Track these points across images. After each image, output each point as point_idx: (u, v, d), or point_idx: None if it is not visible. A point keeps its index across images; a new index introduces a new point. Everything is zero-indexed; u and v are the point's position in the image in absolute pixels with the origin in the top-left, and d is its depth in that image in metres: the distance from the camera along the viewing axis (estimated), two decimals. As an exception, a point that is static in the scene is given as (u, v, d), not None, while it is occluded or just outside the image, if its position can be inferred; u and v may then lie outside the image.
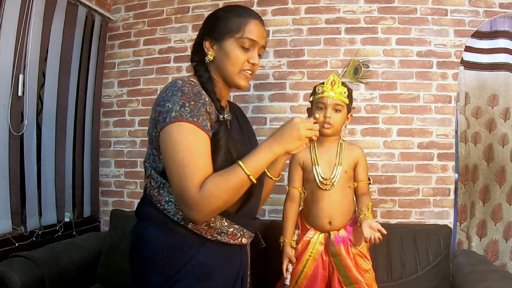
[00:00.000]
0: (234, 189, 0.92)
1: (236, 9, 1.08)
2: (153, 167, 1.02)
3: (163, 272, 0.96)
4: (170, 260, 0.96)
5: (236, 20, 1.05)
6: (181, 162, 0.89)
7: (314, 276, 1.53)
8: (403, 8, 2.27)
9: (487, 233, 2.35)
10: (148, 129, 1.04)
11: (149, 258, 0.98)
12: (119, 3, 2.60)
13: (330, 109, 1.52)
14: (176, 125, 0.91)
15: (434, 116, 2.23)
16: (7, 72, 1.85)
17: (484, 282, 1.58)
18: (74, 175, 2.35)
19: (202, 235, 0.98)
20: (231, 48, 1.04)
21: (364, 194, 1.58)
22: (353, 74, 1.60)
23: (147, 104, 2.53)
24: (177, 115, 0.91)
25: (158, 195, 0.99)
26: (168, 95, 0.95)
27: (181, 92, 0.94)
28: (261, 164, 0.95)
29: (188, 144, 0.90)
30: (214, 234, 0.99)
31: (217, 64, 1.07)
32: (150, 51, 2.54)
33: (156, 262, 0.97)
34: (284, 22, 2.38)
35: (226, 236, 1.01)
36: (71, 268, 1.88)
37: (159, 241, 0.97)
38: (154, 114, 0.98)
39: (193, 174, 0.89)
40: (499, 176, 2.34)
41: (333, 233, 1.54)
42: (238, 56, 1.04)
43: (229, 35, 1.04)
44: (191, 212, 0.90)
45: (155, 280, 0.96)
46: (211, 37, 1.06)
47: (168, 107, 0.93)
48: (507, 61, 2.35)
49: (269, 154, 0.95)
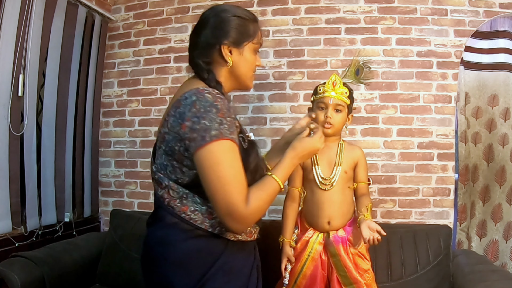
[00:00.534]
0: (271, 199, 1.03)
1: (246, 13, 1.10)
2: (171, 179, 1.01)
3: (191, 275, 0.98)
4: (197, 263, 0.99)
5: (250, 25, 1.09)
6: (226, 180, 0.93)
7: (313, 275, 1.53)
8: (403, 8, 2.27)
9: (487, 233, 2.35)
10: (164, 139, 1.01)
11: (176, 262, 0.99)
12: (119, 3, 2.60)
13: (331, 109, 1.53)
14: (218, 144, 0.93)
15: (434, 116, 2.23)
16: (7, 72, 1.85)
17: (484, 282, 1.58)
18: (74, 175, 2.35)
19: (226, 237, 1.02)
20: (249, 54, 1.10)
21: (364, 194, 1.58)
22: (355, 74, 1.60)
23: (147, 104, 2.53)
24: (218, 133, 0.93)
25: (181, 205, 1.00)
26: (201, 111, 0.93)
27: (215, 109, 0.94)
28: (287, 175, 1.11)
29: (231, 161, 0.94)
30: (236, 235, 1.04)
31: (233, 69, 1.09)
32: (150, 51, 2.54)
33: (184, 266, 0.99)
34: (284, 22, 2.38)
35: (245, 235, 1.06)
36: (71, 268, 1.88)
37: (185, 245, 1.00)
38: (179, 127, 0.96)
39: (239, 191, 0.94)
40: (499, 176, 2.34)
41: (332, 233, 1.54)
42: (253, 61, 1.12)
43: (247, 41, 1.08)
44: (238, 225, 0.96)
45: (182, 283, 0.98)
46: (229, 43, 1.06)
47: (206, 125, 0.92)
48: (507, 61, 2.35)
49: (292, 167, 1.12)
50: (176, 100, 1.00)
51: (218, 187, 0.92)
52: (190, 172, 0.98)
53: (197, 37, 1.09)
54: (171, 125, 0.98)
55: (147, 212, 2.30)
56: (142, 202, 2.51)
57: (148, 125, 2.52)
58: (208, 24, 1.08)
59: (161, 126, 1.03)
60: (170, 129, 0.98)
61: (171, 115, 0.98)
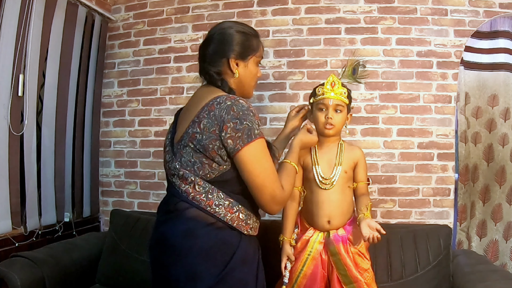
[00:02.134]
0: (294, 182, 1.30)
1: (249, 29, 1.25)
2: (198, 175, 1.12)
3: (215, 264, 1.09)
4: (220, 253, 1.10)
5: (254, 40, 1.24)
6: (269, 171, 1.12)
7: (313, 275, 1.53)
8: (403, 8, 2.27)
9: (487, 233, 2.35)
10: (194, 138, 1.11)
11: (202, 253, 1.09)
12: (119, 3, 2.60)
13: (331, 110, 1.53)
14: (260, 141, 1.11)
15: (434, 116, 2.23)
16: (7, 72, 1.85)
17: (484, 282, 1.58)
18: (74, 175, 2.35)
19: (241, 230, 1.15)
20: (253, 66, 1.25)
21: (363, 194, 1.58)
22: (351, 74, 1.63)
23: (147, 104, 2.54)
24: (259, 132, 1.11)
25: (207, 200, 1.11)
26: (240, 114, 1.09)
27: (252, 113, 1.11)
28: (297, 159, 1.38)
29: (268, 156, 1.14)
30: (248, 229, 1.17)
31: (239, 80, 1.23)
32: (150, 51, 2.54)
33: (211, 256, 1.09)
34: (284, 22, 2.38)
35: (254, 230, 1.21)
36: (71, 268, 1.88)
37: (210, 237, 1.10)
38: (217, 128, 1.08)
39: (277, 179, 1.15)
40: (499, 176, 2.34)
41: (332, 232, 1.54)
42: (256, 72, 1.27)
43: (252, 55, 1.23)
44: (279, 207, 1.17)
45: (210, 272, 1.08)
46: (236, 56, 1.20)
47: (249, 126, 1.09)
48: (507, 61, 2.35)
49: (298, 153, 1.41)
50: (205, 104, 1.13)
51: (266, 178, 1.11)
52: (218, 168, 1.11)
53: (207, 50, 1.22)
54: (205, 126, 1.10)
55: (147, 212, 2.30)
56: (142, 202, 2.51)
57: (148, 125, 2.53)
58: (216, 39, 1.21)
59: (188, 127, 1.14)
60: (203, 130, 1.10)
61: (204, 117, 1.10)
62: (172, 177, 1.17)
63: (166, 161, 1.21)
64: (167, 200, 1.19)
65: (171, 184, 1.18)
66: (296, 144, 1.40)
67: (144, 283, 1.74)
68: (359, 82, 1.69)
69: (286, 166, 1.28)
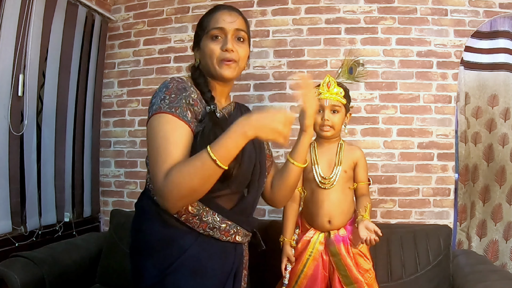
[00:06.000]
0: (200, 175, 0.87)
1: (208, 11, 1.14)
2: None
3: (157, 264, 0.98)
4: (164, 253, 0.98)
5: (205, 19, 1.12)
6: (156, 151, 0.93)
7: (314, 276, 1.53)
8: (403, 8, 2.27)
9: (487, 233, 2.35)
10: None
11: (145, 250, 1.01)
12: (119, 3, 2.60)
13: (328, 111, 1.53)
14: (156, 117, 0.96)
15: (434, 116, 2.23)
16: (7, 72, 1.85)
17: (484, 282, 1.58)
18: (74, 175, 2.35)
19: (195, 228, 0.99)
20: (204, 44, 1.09)
21: (364, 195, 1.58)
22: (348, 73, 1.62)
23: (147, 104, 2.50)
24: (157, 107, 0.97)
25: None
26: (156, 92, 1.03)
27: (165, 88, 1.01)
28: (231, 148, 0.88)
29: (165, 133, 0.93)
30: (206, 228, 0.99)
31: (202, 65, 1.12)
32: (150, 51, 2.54)
33: (151, 254, 0.99)
34: (284, 22, 2.38)
35: (218, 232, 1.01)
36: (71, 268, 1.88)
37: (154, 232, 0.99)
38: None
39: (163, 162, 0.90)
40: (499, 176, 2.34)
41: (333, 233, 1.54)
42: (210, 48, 1.07)
43: (203, 35, 1.10)
44: (160, 199, 0.92)
45: (149, 271, 0.98)
46: (194, 45, 1.15)
47: (152, 102, 1.01)
48: (507, 61, 2.34)
49: (241, 138, 0.88)
50: None
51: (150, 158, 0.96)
52: None
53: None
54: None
55: (147, 212, 2.30)
56: (142, 202, 2.50)
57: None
58: None
59: None
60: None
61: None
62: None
63: None
64: None
65: None
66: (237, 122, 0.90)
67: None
68: (357, 81, 1.69)
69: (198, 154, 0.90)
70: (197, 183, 0.88)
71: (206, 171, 0.88)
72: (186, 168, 0.88)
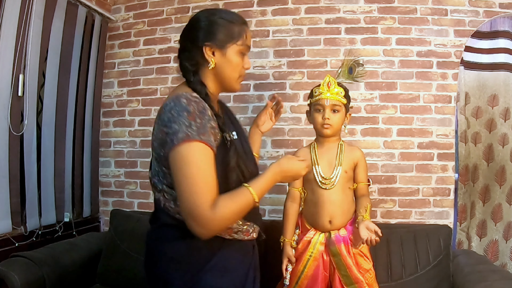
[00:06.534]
0: (241, 211, 1.00)
1: (231, 15, 1.11)
2: (163, 183, 1.04)
3: (187, 271, 1.01)
4: (192, 260, 1.02)
5: (235, 27, 1.09)
6: (191, 180, 0.93)
7: (315, 276, 1.53)
8: (403, 8, 2.27)
9: (487, 233, 2.35)
10: (153, 146, 1.05)
11: (173, 258, 1.03)
12: (119, 3, 2.60)
13: (328, 110, 1.53)
14: (185, 145, 0.93)
15: (434, 116, 2.23)
16: (7, 72, 1.85)
17: (484, 282, 1.58)
18: (74, 175, 2.35)
19: (221, 236, 1.04)
20: (234, 55, 1.09)
21: (364, 195, 1.58)
22: (348, 73, 1.63)
23: (147, 104, 2.53)
24: (184, 135, 0.93)
25: (175, 207, 1.02)
26: (174, 115, 0.96)
27: (186, 112, 0.96)
28: (266, 190, 1.06)
29: (197, 162, 0.94)
30: (231, 233, 1.06)
31: (217, 71, 1.09)
32: (150, 51, 2.54)
33: (180, 262, 1.02)
34: (284, 22, 2.37)
35: (241, 234, 1.08)
36: (71, 268, 1.88)
37: (182, 242, 1.02)
38: (161, 134, 0.99)
39: (203, 192, 0.93)
40: (499, 176, 2.34)
41: (334, 233, 1.54)
42: (238, 63, 1.10)
43: (231, 42, 1.08)
44: (200, 229, 0.94)
45: (178, 279, 1.01)
46: (212, 44, 1.07)
47: (175, 129, 0.94)
48: (507, 61, 2.35)
49: (272, 183, 1.08)
50: (160, 107, 1.03)
51: (183, 187, 0.93)
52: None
53: (183, 40, 1.12)
54: (156, 132, 1.02)
55: (147, 212, 2.30)
56: (142, 202, 2.51)
57: (148, 125, 2.52)
58: (194, 26, 1.10)
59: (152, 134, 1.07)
60: (156, 136, 1.02)
61: (156, 123, 1.03)
62: (151, 186, 1.11)
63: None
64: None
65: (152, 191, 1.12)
66: (271, 170, 1.09)
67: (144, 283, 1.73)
68: (357, 81, 1.70)
69: (239, 190, 1.01)
70: (238, 217, 1.02)
71: (246, 208, 1.01)
72: (233, 205, 0.97)
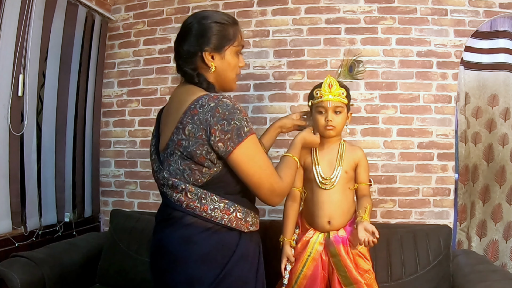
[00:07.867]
0: (294, 174, 1.28)
1: (223, 17, 1.15)
2: (189, 182, 1.08)
3: (215, 267, 1.07)
4: (219, 256, 1.09)
5: (230, 29, 1.15)
6: (265, 165, 1.10)
7: (313, 276, 1.53)
8: (403, 8, 2.27)
9: (487, 233, 2.35)
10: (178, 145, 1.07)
11: (202, 257, 1.07)
12: (119, 3, 2.60)
13: (330, 112, 1.52)
14: (251, 138, 1.08)
15: (434, 116, 2.23)
16: (7, 72, 1.85)
17: (484, 282, 1.58)
18: (74, 175, 2.35)
19: (240, 229, 1.13)
20: (231, 57, 1.16)
21: (364, 196, 1.57)
22: (348, 72, 1.64)
23: (147, 104, 2.53)
24: (248, 130, 1.07)
25: (201, 206, 1.08)
26: (226, 114, 1.04)
27: (238, 110, 1.06)
28: (299, 155, 1.36)
29: (261, 150, 1.12)
30: (248, 226, 1.15)
31: (217, 73, 1.16)
32: (150, 51, 2.54)
33: (210, 259, 1.07)
34: (284, 22, 2.38)
35: (254, 226, 1.19)
36: (71, 268, 1.88)
37: (208, 241, 1.08)
38: (203, 133, 1.04)
39: (274, 172, 1.14)
40: (499, 176, 2.34)
41: (333, 233, 1.54)
42: (236, 63, 1.19)
43: (227, 45, 1.15)
44: (280, 199, 1.16)
45: (208, 276, 1.06)
46: (210, 49, 1.13)
47: (237, 125, 1.05)
48: (507, 61, 2.35)
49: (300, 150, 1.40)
50: (187, 108, 1.06)
51: (262, 174, 1.09)
52: (209, 172, 1.07)
53: (180, 46, 1.16)
54: (190, 132, 1.05)
55: (147, 212, 2.30)
56: (142, 202, 2.51)
57: (148, 125, 2.52)
58: (189, 32, 1.14)
59: (172, 134, 1.08)
60: (189, 136, 1.05)
61: (188, 123, 1.05)
62: (163, 187, 1.13)
63: (154, 171, 1.17)
64: (162, 210, 1.16)
65: (163, 194, 1.14)
66: (299, 140, 1.41)
67: (144, 283, 1.74)
68: (357, 78, 1.70)
69: (287, 159, 1.29)
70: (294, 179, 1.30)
71: (296, 171, 1.30)
72: (290, 171, 1.25)
